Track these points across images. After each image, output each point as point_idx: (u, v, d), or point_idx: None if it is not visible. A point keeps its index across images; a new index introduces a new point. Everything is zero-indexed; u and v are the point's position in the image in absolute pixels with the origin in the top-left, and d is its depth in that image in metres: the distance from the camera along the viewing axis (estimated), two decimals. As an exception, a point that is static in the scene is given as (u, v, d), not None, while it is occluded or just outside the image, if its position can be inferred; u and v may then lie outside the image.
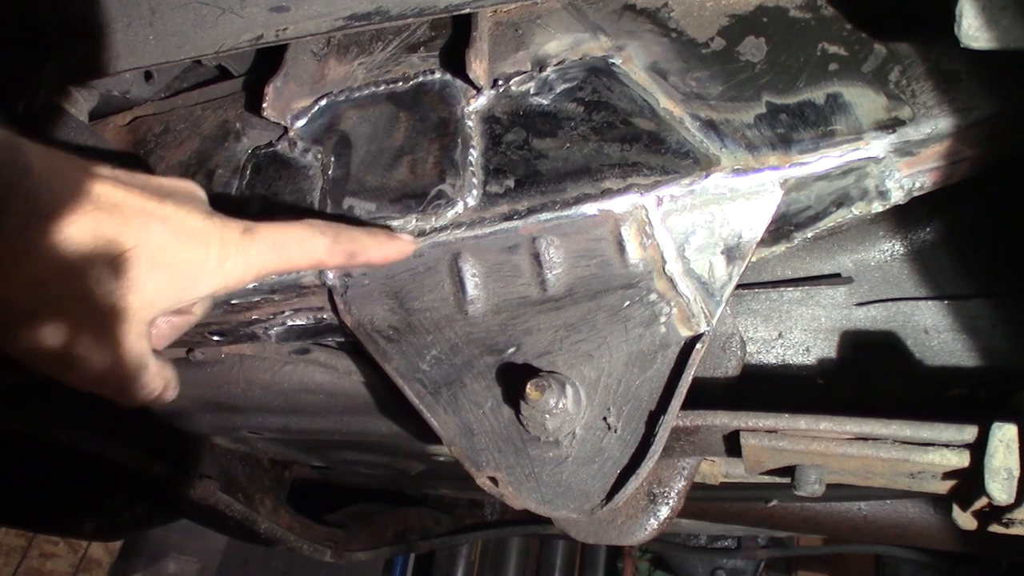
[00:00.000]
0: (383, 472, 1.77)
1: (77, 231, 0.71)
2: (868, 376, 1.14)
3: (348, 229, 0.89)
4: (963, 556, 2.78)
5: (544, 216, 0.91)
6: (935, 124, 0.87)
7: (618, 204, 0.90)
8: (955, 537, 1.87)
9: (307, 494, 2.09)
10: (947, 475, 0.85)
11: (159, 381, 0.87)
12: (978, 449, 0.80)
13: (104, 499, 2.10)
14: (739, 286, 1.18)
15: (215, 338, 1.13)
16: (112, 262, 0.73)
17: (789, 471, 0.92)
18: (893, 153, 0.89)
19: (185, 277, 0.78)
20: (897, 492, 1.65)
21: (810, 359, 1.17)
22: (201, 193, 0.85)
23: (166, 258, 0.76)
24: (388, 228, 0.96)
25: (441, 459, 1.54)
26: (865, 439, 0.84)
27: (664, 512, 1.04)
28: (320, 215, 0.99)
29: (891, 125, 0.87)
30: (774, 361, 1.18)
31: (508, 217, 0.92)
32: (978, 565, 2.77)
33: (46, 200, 0.70)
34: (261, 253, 0.82)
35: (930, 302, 1.14)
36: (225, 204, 0.94)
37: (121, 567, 4.11)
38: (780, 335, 1.18)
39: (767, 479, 1.04)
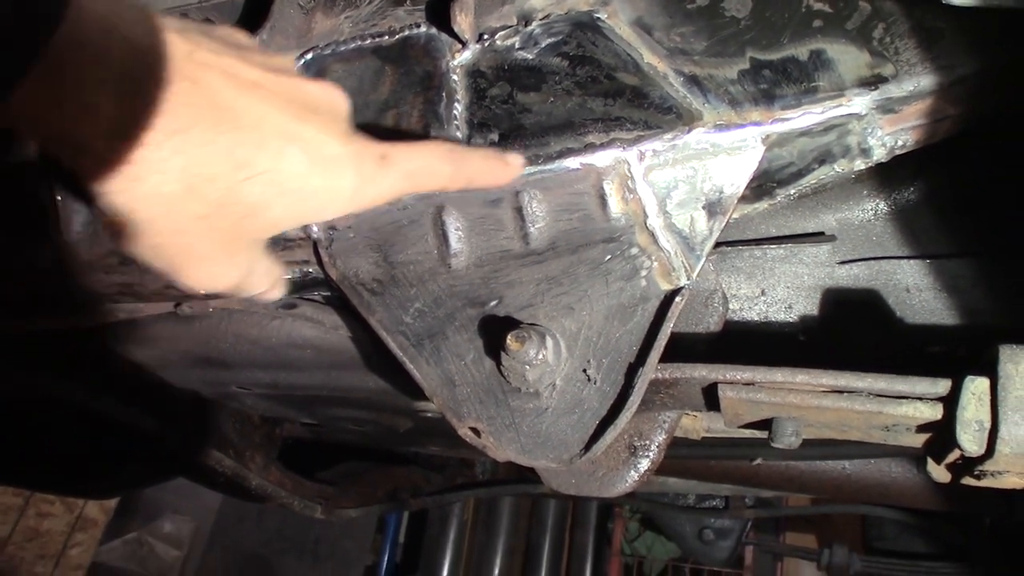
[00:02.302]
0: (372, 429, 1.78)
1: (212, 151, 0.69)
2: (849, 333, 1.16)
3: (468, 155, 0.88)
4: (946, 516, 2.81)
5: (527, 170, 0.91)
6: (917, 81, 0.88)
7: (600, 158, 0.90)
8: (936, 496, 1.89)
9: (298, 453, 2.11)
10: (921, 428, 0.86)
11: (266, 282, 0.86)
12: (951, 402, 0.81)
13: (100, 457, 2.12)
14: (723, 243, 1.19)
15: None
16: (240, 183, 0.71)
17: (767, 424, 0.93)
18: (875, 110, 0.89)
19: (313, 205, 0.77)
20: (879, 451, 1.68)
21: (792, 316, 1.18)
22: (344, 105, 0.82)
23: (297, 184, 0.74)
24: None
25: (428, 415, 1.56)
26: (840, 392, 0.85)
27: (644, 465, 1.05)
28: None
29: (873, 82, 0.88)
30: (757, 318, 1.19)
31: (490, 172, 0.92)
32: (961, 525, 2.81)
33: (187, 115, 0.67)
34: (393, 183, 0.80)
35: (912, 261, 1.15)
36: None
37: (117, 526, 4.15)
38: (763, 292, 1.19)
39: (748, 434, 1.05)
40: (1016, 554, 2.67)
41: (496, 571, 4.78)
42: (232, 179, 0.71)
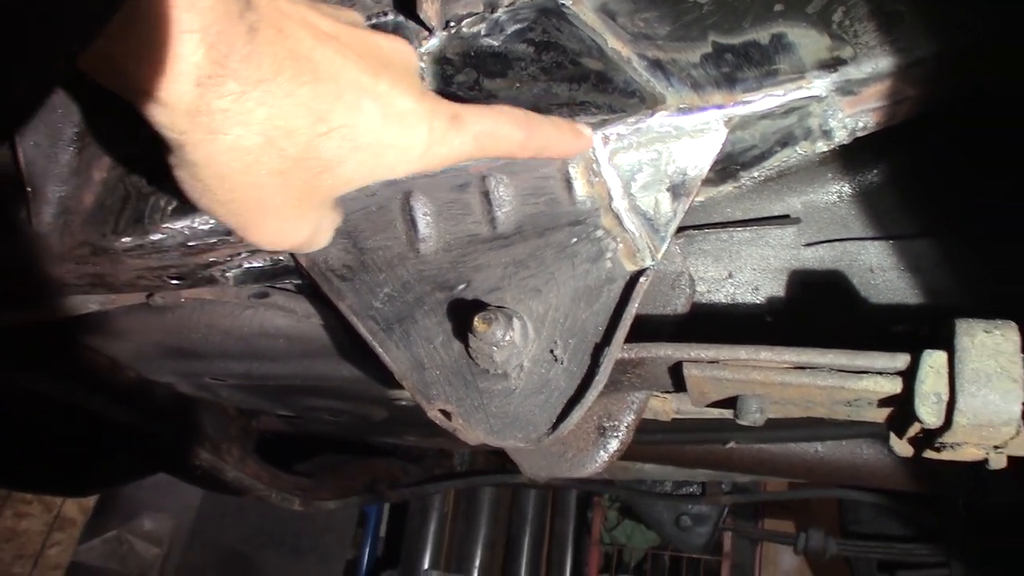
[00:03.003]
0: (348, 419, 1.79)
1: (290, 104, 0.68)
2: (815, 314, 1.18)
3: (540, 123, 0.86)
4: (920, 499, 2.85)
5: (493, 155, 0.92)
6: (876, 63, 0.89)
7: (566, 142, 0.91)
8: (906, 476, 1.92)
9: (276, 448, 2.11)
10: (882, 402, 0.88)
11: (329, 238, 0.87)
12: (910, 376, 0.83)
13: (77, 454, 2.11)
14: (690, 227, 1.20)
15: (174, 282, 1.14)
16: (318, 138, 0.71)
17: (734, 403, 0.95)
18: (835, 92, 0.91)
19: (385, 161, 0.76)
20: (851, 432, 1.70)
21: (759, 298, 1.20)
22: (415, 61, 0.82)
23: (371, 139, 0.74)
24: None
25: (403, 403, 1.57)
26: (803, 368, 0.87)
27: (614, 445, 1.06)
28: None
29: (833, 64, 0.89)
30: (724, 300, 1.21)
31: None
32: (935, 507, 2.85)
33: (267, 67, 0.66)
34: (462, 144, 0.79)
35: (876, 242, 1.17)
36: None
37: (96, 525, 4.12)
38: (730, 275, 1.21)
39: (717, 413, 1.07)
40: (988, 535, 2.72)
41: (477, 563, 4.80)
42: (311, 133, 0.70)
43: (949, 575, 2.86)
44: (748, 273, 1.20)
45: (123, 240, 1.03)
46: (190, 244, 1.05)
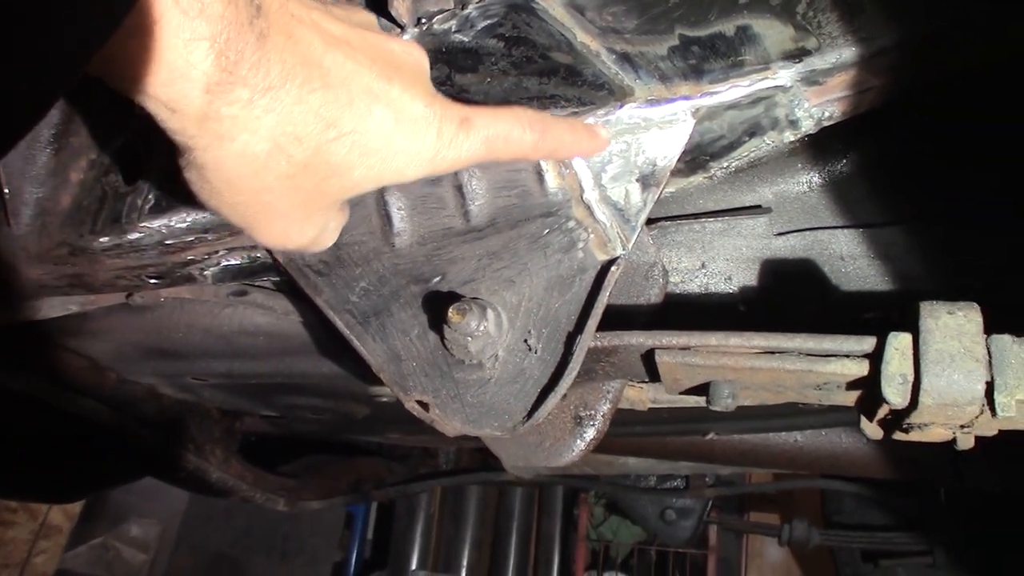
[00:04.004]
0: (330, 417, 1.80)
1: (300, 111, 0.68)
2: (787, 302, 1.19)
3: (554, 124, 0.86)
4: (902, 488, 2.88)
5: (464, 149, 0.93)
6: (840, 53, 0.91)
7: (537, 135, 0.92)
8: (885, 464, 1.95)
9: (261, 450, 2.12)
10: (851, 385, 0.90)
11: (335, 237, 0.86)
12: (877, 358, 0.85)
13: (63, 460, 2.11)
14: (663, 218, 1.22)
15: (152, 281, 1.15)
16: (327, 144, 0.71)
17: (706, 389, 0.96)
18: (800, 82, 0.93)
19: (395, 165, 0.76)
20: (829, 420, 1.72)
21: (732, 287, 1.21)
22: (425, 64, 0.82)
23: (381, 144, 0.73)
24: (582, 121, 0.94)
25: (384, 400, 1.58)
26: (772, 353, 0.89)
27: (590, 434, 1.08)
28: None
29: (797, 55, 0.91)
30: (697, 290, 1.22)
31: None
32: (916, 496, 2.88)
33: (276, 74, 0.66)
34: (472, 148, 0.79)
35: (846, 230, 1.19)
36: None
37: (82, 532, 4.11)
38: (703, 265, 1.22)
39: (693, 402, 1.08)
40: (968, 522, 2.75)
41: (465, 562, 4.81)
42: (320, 139, 0.70)
43: (932, 562, 2.88)
44: (721, 263, 1.22)
45: (101, 240, 1.04)
46: (168, 243, 1.06)
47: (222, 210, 0.75)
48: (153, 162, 1.03)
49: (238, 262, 1.10)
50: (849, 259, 1.18)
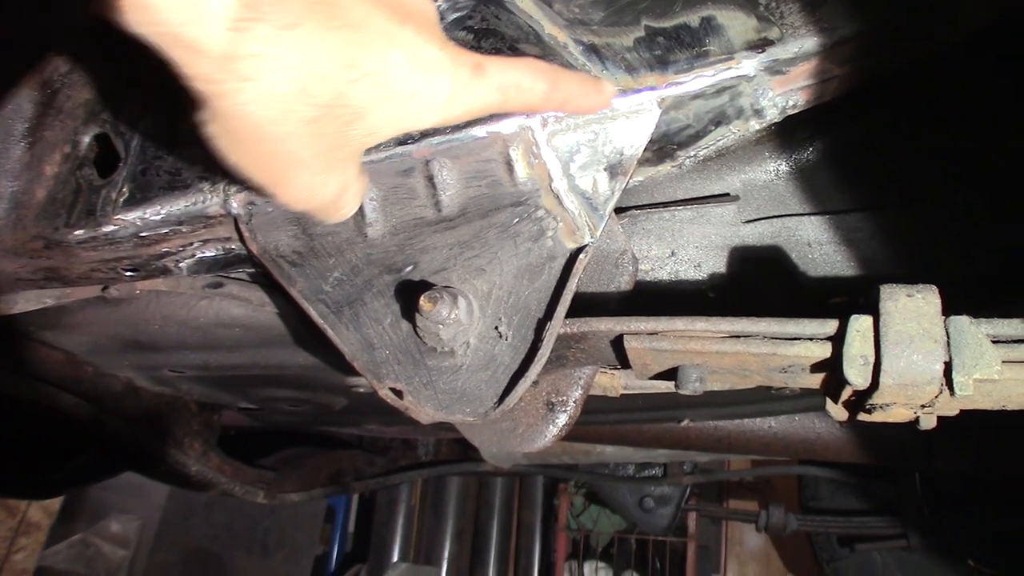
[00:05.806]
0: (308, 408, 1.81)
1: (321, 49, 0.68)
2: (756, 289, 1.22)
3: (565, 76, 0.87)
4: (878, 473, 2.91)
5: (436, 139, 0.94)
6: (802, 43, 0.93)
7: (506, 126, 0.94)
8: (858, 449, 1.98)
9: (239, 444, 2.12)
10: (815, 368, 0.92)
11: (356, 204, 0.86)
12: (839, 340, 0.87)
13: (40, 455, 2.11)
14: (633, 207, 1.23)
15: (128, 273, 1.16)
16: (348, 84, 0.71)
17: (675, 374, 0.98)
18: (764, 72, 0.95)
19: (413, 110, 0.76)
20: (801, 406, 1.75)
21: (701, 274, 1.23)
22: (434, 11, 0.82)
23: (399, 87, 0.74)
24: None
25: (361, 390, 1.59)
26: (738, 337, 0.91)
27: (563, 420, 1.10)
28: None
29: (761, 45, 0.93)
30: (668, 278, 1.24)
31: (402, 142, 0.95)
32: (892, 481, 2.92)
33: (297, 11, 0.66)
34: (485, 94, 0.79)
35: (813, 217, 1.21)
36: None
37: (61, 529, 4.09)
38: (673, 253, 1.24)
39: (664, 387, 1.10)
40: (942, 506, 2.79)
41: (446, 553, 4.83)
42: (341, 79, 0.70)
43: (907, 546, 2.92)
44: (690, 251, 1.24)
45: (76, 233, 1.05)
46: (143, 235, 1.06)
47: (246, 163, 0.75)
48: (130, 149, 1.03)
49: (213, 254, 1.10)
50: (816, 245, 1.21)
